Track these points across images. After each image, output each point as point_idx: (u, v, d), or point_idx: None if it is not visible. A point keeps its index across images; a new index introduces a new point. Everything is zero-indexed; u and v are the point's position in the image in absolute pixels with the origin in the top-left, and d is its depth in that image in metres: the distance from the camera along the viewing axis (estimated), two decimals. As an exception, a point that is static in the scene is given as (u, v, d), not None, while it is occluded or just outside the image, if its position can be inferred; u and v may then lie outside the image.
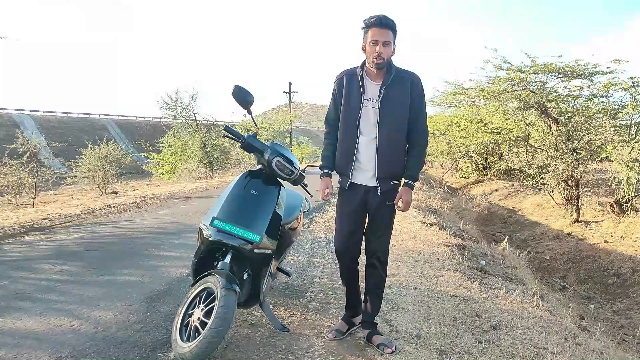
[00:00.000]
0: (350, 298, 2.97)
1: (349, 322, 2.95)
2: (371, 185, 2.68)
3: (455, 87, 15.06)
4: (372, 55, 2.53)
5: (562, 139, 10.36)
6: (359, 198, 2.71)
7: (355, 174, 2.70)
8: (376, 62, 2.53)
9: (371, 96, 2.62)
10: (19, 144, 15.09)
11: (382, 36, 2.50)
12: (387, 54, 2.53)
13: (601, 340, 3.56)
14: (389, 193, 2.70)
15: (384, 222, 2.78)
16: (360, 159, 2.67)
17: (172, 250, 5.27)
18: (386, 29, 2.51)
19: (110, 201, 10.37)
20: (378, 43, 2.50)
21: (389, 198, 2.71)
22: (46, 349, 2.67)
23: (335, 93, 2.76)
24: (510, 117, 13.16)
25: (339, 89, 2.72)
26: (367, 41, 2.55)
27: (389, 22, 2.51)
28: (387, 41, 2.51)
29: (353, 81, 2.67)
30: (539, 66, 10.37)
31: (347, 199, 2.76)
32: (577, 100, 11.12)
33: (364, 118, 2.62)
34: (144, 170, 29.92)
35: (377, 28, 2.51)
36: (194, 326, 2.43)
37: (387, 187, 2.67)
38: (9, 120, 45.82)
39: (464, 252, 5.94)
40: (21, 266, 4.54)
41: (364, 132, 2.64)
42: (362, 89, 2.62)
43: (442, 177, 24.09)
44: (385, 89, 2.59)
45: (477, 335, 3.02)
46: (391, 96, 2.59)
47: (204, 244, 2.75)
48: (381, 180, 2.65)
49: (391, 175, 2.68)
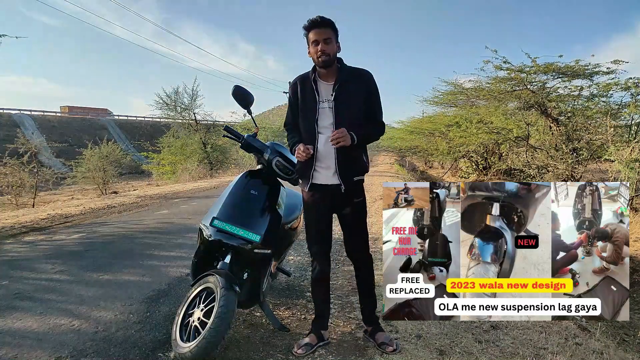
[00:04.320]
0: (321, 307, 2.87)
1: (319, 336, 2.79)
2: (334, 184, 2.65)
3: (455, 87, 15.06)
4: (316, 55, 2.55)
5: (562, 139, 10.36)
6: (323, 198, 2.70)
7: (317, 175, 2.68)
8: (322, 59, 2.54)
9: (325, 97, 2.63)
10: (20, 143, 15.10)
11: (321, 35, 2.54)
12: (330, 50, 2.54)
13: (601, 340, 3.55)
14: (353, 190, 2.69)
15: (356, 220, 2.77)
16: (321, 159, 2.65)
17: (172, 250, 5.27)
18: (324, 27, 2.55)
19: (110, 201, 10.38)
20: (319, 42, 2.54)
21: (356, 195, 2.71)
22: (46, 349, 2.67)
23: (290, 99, 2.79)
24: (510, 117, 13.16)
25: (294, 94, 2.74)
26: (310, 44, 2.59)
27: (325, 21, 2.55)
28: (327, 38, 2.54)
29: (306, 85, 2.68)
30: (540, 66, 10.36)
31: (311, 201, 2.75)
32: (577, 100, 11.12)
33: (321, 119, 2.63)
34: (144, 170, 29.92)
35: (315, 29, 2.55)
36: (194, 326, 2.44)
37: (350, 184, 2.66)
38: (9, 120, 45.85)
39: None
40: (21, 266, 4.54)
41: (322, 132, 2.63)
42: (316, 91, 2.64)
43: (442, 177, 24.11)
44: (338, 87, 2.60)
45: (477, 335, 3.02)
46: (344, 94, 2.61)
47: (203, 244, 2.75)
48: (343, 177, 2.63)
49: (353, 171, 2.67)
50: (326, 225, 2.78)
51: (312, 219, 2.78)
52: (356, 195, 2.72)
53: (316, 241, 2.79)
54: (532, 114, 12.00)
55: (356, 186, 2.72)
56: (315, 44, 2.55)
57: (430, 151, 24.47)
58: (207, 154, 23.42)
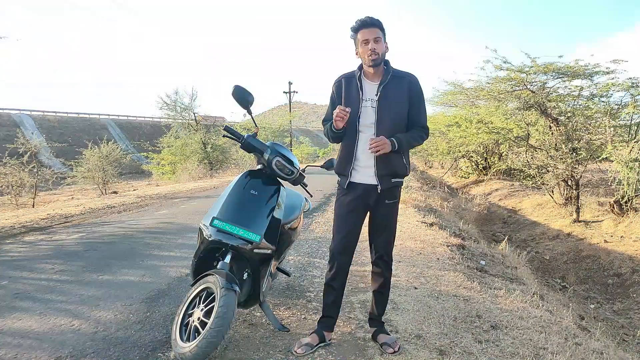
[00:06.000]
0: (330, 310, 2.82)
1: (321, 337, 2.76)
2: (371, 184, 2.66)
3: (455, 87, 15.06)
4: (366, 54, 2.56)
5: (562, 139, 10.36)
6: (358, 197, 2.70)
7: (355, 174, 2.69)
8: (372, 58, 2.55)
9: (369, 95, 2.64)
10: (20, 143, 15.10)
11: (371, 34, 2.56)
12: (380, 49, 2.56)
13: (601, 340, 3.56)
14: (389, 191, 2.69)
15: (385, 221, 2.77)
16: (360, 158, 2.66)
17: (172, 250, 5.27)
18: (373, 27, 2.56)
19: (110, 201, 10.37)
20: (369, 41, 2.55)
21: (389, 197, 2.70)
22: (46, 349, 2.67)
23: (333, 96, 2.78)
24: (510, 117, 13.16)
25: (338, 92, 2.74)
26: (359, 44, 2.60)
27: (374, 21, 2.57)
28: (377, 37, 2.56)
29: (351, 83, 2.69)
30: (539, 66, 10.36)
31: (346, 199, 2.74)
32: (577, 100, 11.12)
33: (363, 117, 2.63)
34: (144, 170, 29.93)
35: (365, 29, 2.56)
36: (194, 326, 2.43)
37: (387, 185, 2.65)
38: (9, 120, 45.84)
39: (463, 252, 5.94)
40: (21, 266, 4.54)
41: (363, 131, 2.64)
42: (360, 89, 2.65)
43: (442, 177, 24.09)
44: (383, 87, 2.61)
45: (477, 335, 3.02)
46: (389, 94, 2.61)
47: (203, 244, 2.75)
48: (381, 178, 2.64)
49: (391, 173, 2.66)
50: (357, 225, 2.75)
51: (343, 218, 2.75)
52: (390, 197, 2.70)
53: (341, 240, 2.74)
54: (532, 114, 12.00)
55: (393, 189, 2.70)
56: (365, 44, 2.56)
57: (430, 151, 24.45)
58: (207, 154, 23.42)
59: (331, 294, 2.80)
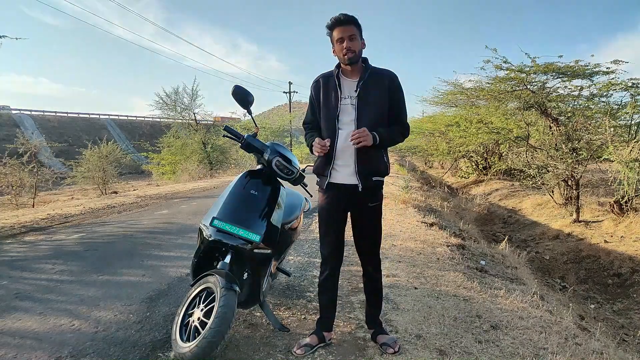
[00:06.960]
0: (326, 310, 2.83)
1: (320, 337, 2.77)
2: (352, 184, 2.60)
3: (455, 87, 15.06)
4: (342, 52, 2.54)
5: (562, 139, 10.36)
6: (339, 199, 2.66)
7: (334, 174, 2.64)
8: (348, 56, 2.52)
9: (348, 93, 2.61)
10: (19, 143, 15.10)
11: (346, 32, 2.52)
12: (355, 47, 2.53)
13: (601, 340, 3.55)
14: (371, 191, 2.64)
15: (371, 225, 2.74)
16: (339, 156, 2.61)
17: (172, 250, 5.27)
18: (348, 24, 2.53)
19: (110, 201, 10.37)
20: (344, 39, 2.52)
21: (371, 196, 2.66)
22: (46, 349, 2.67)
23: (312, 97, 2.75)
24: (510, 117, 13.16)
25: (316, 92, 2.71)
26: (334, 42, 2.57)
27: (349, 18, 2.53)
28: (352, 35, 2.52)
29: (330, 82, 2.66)
30: (539, 66, 10.36)
31: (327, 201, 2.71)
32: (577, 100, 11.12)
33: (343, 115, 2.60)
34: (144, 170, 29.92)
35: (339, 27, 2.53)
36: (194, 326, 2.44)
37: (368, 183, 2.60)
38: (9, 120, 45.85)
39: (463, 252, 5.94)
40: (21, 266, 4.54)
41: (343, 128, 2.60)
42: (339, 87, 2.61)
43: (442, 177, 24.10)
44: (362, 84, 2.58)
45: (477, 335, 3.02)
46: (368, 91, 2.58)
47: (203, 244, 2.75)
48: (362, 177, 2.58)
49: (372, 171, 2.61)
50: (341, 226, 2.74)
51: (326, 220, 2.74)
52: (372, 200, 2.67)
53: (329, 243, 2.74)
54: (532, 114, 12.00)
55: (374, 188, 2.67)
56: (340, 42, 2.53)
57: (430, 151, 24.47)
58: (207, 154, 23.42)
59: (325, 294, 2.82)
